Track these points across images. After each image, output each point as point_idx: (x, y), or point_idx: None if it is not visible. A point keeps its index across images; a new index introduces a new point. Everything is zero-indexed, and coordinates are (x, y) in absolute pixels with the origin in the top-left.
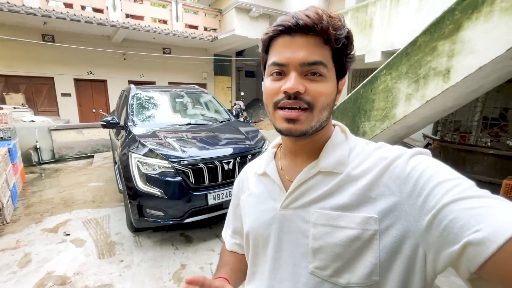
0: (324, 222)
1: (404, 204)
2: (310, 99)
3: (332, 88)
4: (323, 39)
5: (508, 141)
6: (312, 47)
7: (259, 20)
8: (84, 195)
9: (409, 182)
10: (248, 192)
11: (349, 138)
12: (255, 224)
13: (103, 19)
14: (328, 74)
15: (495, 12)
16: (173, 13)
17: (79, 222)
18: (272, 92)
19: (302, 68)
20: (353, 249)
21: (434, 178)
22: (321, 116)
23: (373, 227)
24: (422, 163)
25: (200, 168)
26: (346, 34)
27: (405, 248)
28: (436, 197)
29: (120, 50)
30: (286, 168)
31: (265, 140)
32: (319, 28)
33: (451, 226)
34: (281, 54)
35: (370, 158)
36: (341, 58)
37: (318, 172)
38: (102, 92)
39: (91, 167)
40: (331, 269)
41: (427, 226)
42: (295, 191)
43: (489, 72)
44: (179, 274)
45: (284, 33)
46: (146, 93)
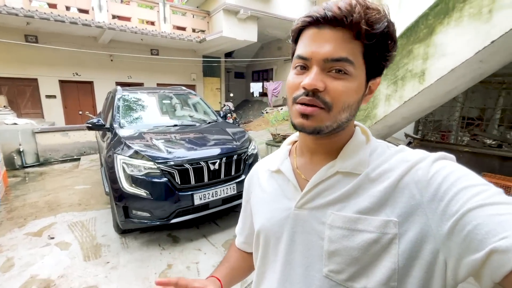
0: (341, 224)
1: (425, 208)
2: (329, 99)
3: (357, 88)
4: (353, 33)
5: (485, 139)
6: (339, 42)
7: (247, 22)
8: (70, 198)
9: (432, 186)
10: (260, 189)
11: (371, 140)
12: (267, 223)
13: (88, 20)
14: (355, 72)
15: (464, 18)
16: (160, 15)
17: (64, 225)
18: (293, 86)
19: (325, 64)
20: (371, 253)
21: (458, 183)
22: (339, 117)
23: (392, 231)
24: (447, 167)
25: (186, 168)
26: (385, 29)
27: (424, 254)
28: (460, 202)
29: (107, 51)
30: (302, 167)
31: (251, 141)
32: (348, 22)
33: (475, 232)
34: (306, 47)
35: (391, 160)
36: (374, 55)
37: (337, 172)
38: (88, 93)
39: (78, 170)
40: (346, 273)
41: (448, 232)
42: (311, 191)
43: (461, 73)
44: (166, 274)
45: (312, 25)
46: (133, 95)
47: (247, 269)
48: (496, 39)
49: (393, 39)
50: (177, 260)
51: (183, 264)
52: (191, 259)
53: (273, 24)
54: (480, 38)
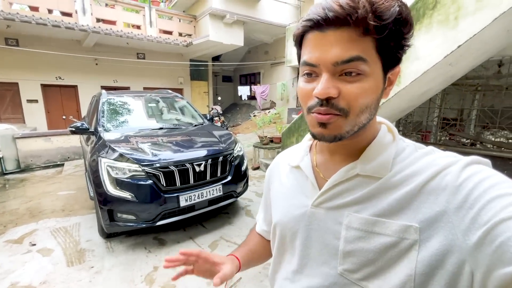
0: (358, 226)
1: (452, 216)
2: (344, 104)
3: (375, 85)
4: (361, 30)
5: (462, 139)
6: (347, 43)
7: (233, 27)
8: (53, 204)
9: (461, 193)
10: (279, 183)
11: (397, 140)
12: (284, 218)
13: (72, 23)
14: (370, 69)
15: (433, 24)
16: (146, 19)
17: (46, 231)
18: (305, 95)
19: (335, 68)
20: (388, 257)
21: (492, 190)
22: (358, 120)
23: (412, 237)
24: (480, 173)
25: (171, 171)
26: (397, 16)
27: (448, 264)
28: (492, 211)
29: (91, 55)
30: (322, 165)
31: (237, 143)
32: (353, 19)
33: (508, 244)
34: (311, 53)
35: (418, 163)
36: (389, 46)
37: (357, 174)
38: (72, 98)
39: (61, 176)
40: (361, 273)
41: (477, 242)
42: (329, 191)
43: (433, 76)
44: (151, 276)
45: (314, 28)
46: (118, 98)
47: (265, 255)
48: (462, 44)
49: (407, 23)
50: (163, 262)
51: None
52: None
53: (259, 28)
54: (448, 43)
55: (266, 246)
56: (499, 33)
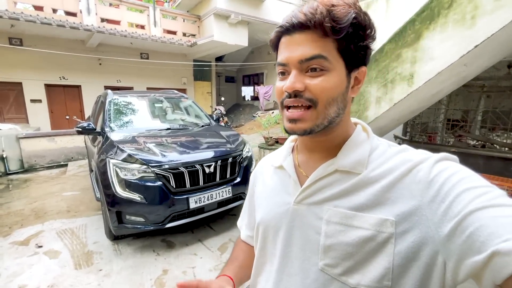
0: (337, 220)
1: (425, 209)
2: (312, 96)
3: (338, 81)
4: (320, 32)
5: (469, 140)
6: (310, 42)
7: (238, 27)
8: (58, 205)
9: (433, 187)
10: (262, 184)
11: (371, 138)
12: (267, 216)
13: (76, 23)
14: (332, 66)
15: (449, 23)
16: (150, 18)
17: (52, 233)
18: (279, 91)
19: (301, 65)
20: (366, 251)
21: (461, 184)
22: (327, 112)
23: (388, 230)
24: (449, 168)
25: (181, 172)
26: (353, 21)
27: (422, 255)
28: (462, 203)
29: (95, 54)
30: (303, 163)
31: (245, 144)
32: (312, 24)
33: (477, 234)
34: (282, 54)
35: (392, 160)
36: (349, 47)
37: (335, 170)
38: (76, 98)
39: (65, 176)
40: (341, 267)
41: (449, 233)
42: (310, 187)
43: (447, 76)
44: (161, 280)
45: (285, 33)
46: (124, 98)
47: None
48: (479, 44)
49: (365, 28)
50: (173, 265)
51: (179, 269)
52: (187, 264)
53: (263, 29)
54: (464, 43)
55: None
56: None
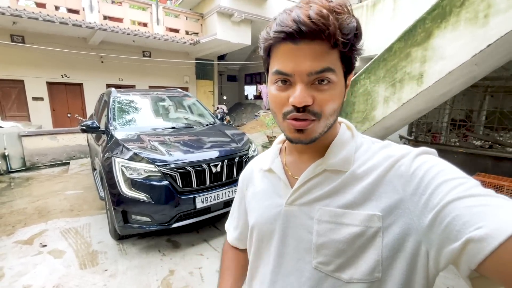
0: (328, 219)
1: (408, 202)
2: (318, 109)
3: (341, 91)
4: (330, 44)
5: (474, 141)
6: (319, 55)
7: (241, 25)
8: (61, 204)
9: (414, 180)
10: (253, 188)
11: (355, 136)
12: (260, 219)
13: (79, 21)
14: (337, 78)
15: (461, 22)
16: (153, 16)
17: (56, 232)
18: (280, 102)
19: (309, 77)
20: (356, 246)
21: (439, 176)
22: (328, 122)
23: (376, 224)
24: (428, 162)
25: (187, 171)
26: (355, 32)
27: (407, 246)
28: (440, 195)
29: (97, 52)
30: (291, 165)
31: (251, 143)
32: (326, 35)
33: (453, 223)
34: (285, 64)
35: (376, 156)
36: (349, 56)
37: (324, 170)
38: (77, 96)
39: (67, 175)
40: (334, 264)
41: (430, 224)
42: (300, 188)
43: (457, 76)
44: (168, 280)
45: (286, 40)
46: (128, 97)
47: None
48: (492, 43)
49: (361, 36)
50: (179, 265)
51: (186, 270)
52: (194, 265)
53: None
54: (476, 42)
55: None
56: None
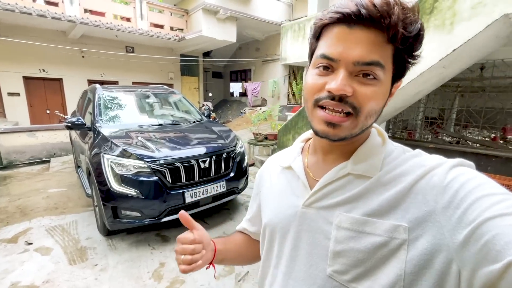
0: (348, 226)
1: (439, 215)
2: (357, 103)
3: (385, 93)
4: (387, 36)
5: (444, 137)
6: (372, 45)
7: (226, 23)
8: (44, 202)
9: (448, 193)
10: (270, 184)
11: (386, 143)
12: (275, 218)
13: (58, 13)
14: (384, 77)
15: (430, 28)
16: (137, 11)
17: (41, 230)
18: (315, 87)
19: (354, 67)
20: (378, 257)
21: (477, 190)
22: (365, 123)
23: (401, 236)
24: (465, 174)
25: (176, 167)
26: (418, 32)
27: (436, 263)
28: (478, 210)
29: (77, 47)
30: (313, 166)
31: (238, 140)
32: (386, 24)
33: (493, 242)
34: (333, 47)
35: (405, 164)
36: (403, 58)
37: (348, 173)
38: (57, 91)
39: (48, 173)
40: (351, 274)
41: (464, 241)
42: (320, 191)
43: (427, 78)
44: (159, 272)
45: (341, 22)
46: (113, 93)
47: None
48: (457, 48)
49: (422, 40)
50: (169, 258)
51: (176, 262)
52: None
53: (251, 25)
54: (443, 47)
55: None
56: (490, 39)
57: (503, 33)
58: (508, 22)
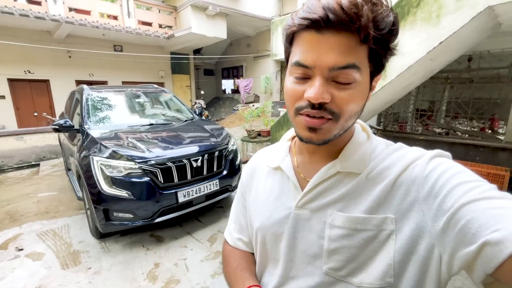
0: (341, 224)
1: (421, 204)
2: (337, 109)
3: (364, 93)
4: (360, 38)
5: (434, 128)
6: (345, 48)
7: (216, 19)
8: (35, 206)
9: (428, 183)
10: (257, 185)
11: (371, 138)
12: (266, 221)
13: (42, 13)
14: (361, 77)
15: (417, 21)
16: (124, 9)
17: (32, 235)
18: (294, 95)
19: (330, 73)
20: (369, 250)
21: (453, 179)
22: (346, 124)
23: (389, 227)
24: (443, 164)
25: (168, 167)
26: (391, 27)
27: (420, 249)
28: (454, 197)
29: (63, 47)
30: (302, 165)
31: (230, 137)
32: (356, 26)
33: (468, 226)
34: (307, 54)
35: (388, 158)
36: (379, 54)
37: (337, 172)
38: (44, 93)
39: (38, 177)
40: (346, 270)
41: (443, 227)
42: (311, 191)
43: (416, 70)
44: (154, 273)
45: (311, 28)
46: (102, 94)
47: None
48: (443, 40)
49: (397, 33)
50: (164, 258)
51: (171, 262)
52: (178, 256)
53: (242, 21)
54: (430, 39)
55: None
56: (475, 31)
57: (488, 25)
58: (492, 14)
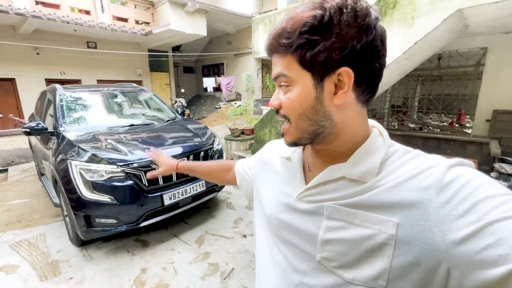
0: (338, 216)
1: (433, 214)
2: (284, 112)
3: (303, 95)
4: (280, 54)
5: (409, 124)
6: (276, 63)
7: (195, 15)
8: (5, 216)
9: (445, 193)
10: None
11: (387, 144)
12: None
13: (5, 6)
14: (293, 81)
15: (394, 22)
16: (97, 3)
17: (4, 246)
18: None
19: (276, 83)
20: (363, 248)
21: (478, 192)
22: (300, 127)
23: (389, 231)
24: (465, 174)
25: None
26: (302, 29)
27: (424, 261)
28: (480, 212)
29: (30, 43)
30: (311, 160)
31: (215, 137)
32: (272, 49)
33: (495, 247)
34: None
35: (403, 167)
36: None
37: (343, 177)
38: (10, 93)
39: (7, 183)
40: (338, 261)
41: (460, 241)
42: (313, 188)
43: (393, 69)
44: (141, 279)
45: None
46: (77, 94)
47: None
48: (418, 41)
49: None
50: (151, 263)
51: (158, 266)
52: (166, 260)
53: (221, 18)
54: (406, 40)
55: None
56: (447, 32)
57: (457, 26)
58: (461, 17)
